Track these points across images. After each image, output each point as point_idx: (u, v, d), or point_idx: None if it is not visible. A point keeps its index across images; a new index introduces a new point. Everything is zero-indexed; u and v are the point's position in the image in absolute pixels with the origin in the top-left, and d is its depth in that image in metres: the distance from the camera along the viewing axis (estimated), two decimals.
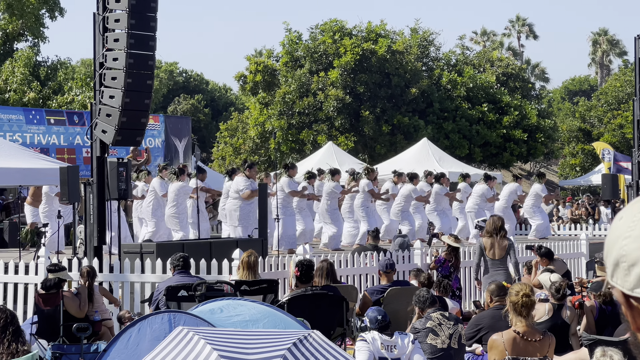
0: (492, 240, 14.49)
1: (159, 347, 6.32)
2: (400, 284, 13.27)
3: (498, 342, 8.19)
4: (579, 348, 10.70)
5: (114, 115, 14.76)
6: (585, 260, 20.24)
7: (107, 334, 12.21)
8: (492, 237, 14.55)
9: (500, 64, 49.95)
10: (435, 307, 10.41)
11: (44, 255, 14.76)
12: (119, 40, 14.75)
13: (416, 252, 16.87)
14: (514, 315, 8.20)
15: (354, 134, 41.87)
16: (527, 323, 8.19)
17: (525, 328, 8.15)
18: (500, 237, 14.60)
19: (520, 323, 8.16)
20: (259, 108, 44.17)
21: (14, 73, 39.73)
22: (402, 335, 9.47)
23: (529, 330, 8.17)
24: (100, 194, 15.20)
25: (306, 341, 6.08)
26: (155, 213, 19.90)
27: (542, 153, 47.19)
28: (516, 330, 8.16)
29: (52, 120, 28.87)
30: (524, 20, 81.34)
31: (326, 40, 42.98)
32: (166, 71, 67.63)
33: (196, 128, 56.35)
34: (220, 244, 16.17)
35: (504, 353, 8.11)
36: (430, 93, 43.55)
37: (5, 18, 41.43)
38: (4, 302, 14.30)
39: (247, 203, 19.52)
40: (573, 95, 74.09)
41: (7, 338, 7.56)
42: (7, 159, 17.53)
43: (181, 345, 6.08)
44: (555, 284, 11.75)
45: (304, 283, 11.84)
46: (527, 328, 8.16)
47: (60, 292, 12.04)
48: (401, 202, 23.15)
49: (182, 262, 12.49)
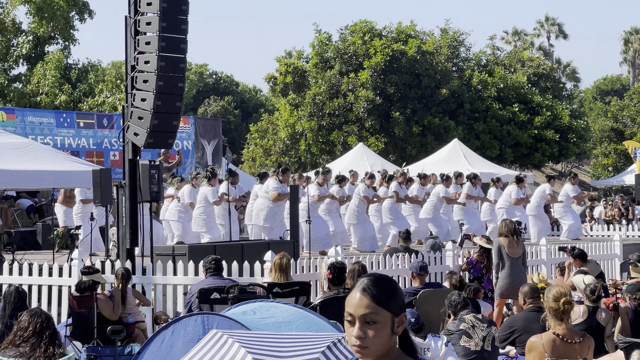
0: (509, 240, 14.37)
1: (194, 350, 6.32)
2: (432, 286, 13.21)
3: (537, 344, 8.12)
4: (614, 351, 10.62)
5: (146, 117, 14.80)
6: (619, 262, 20.06)
7: (141, 336, 12.24)
8: (509, 237, 14.43)
9: (531, 64, 49.71)
10: (469, 310, 10.36)
11: (77, 258, 14.83)
12: (151, 43, 14.79)
13: (448, 254, 16.80)
14: (554, 320, 8.13)
15: (384, 135, 41.82)
16: (567, 326, 8.13)
17: (564, 330, 8.08)
18: (517, 239, 14.48)
19: (559, 326, 8.10)
20: (289, 109, 44.20)
21: (45, 76, 39.98)
22: (435, 337, 9.42)
23: (568, 332, 8.10)
24: (132, 197, 15.24)
25: (340, 344, 6.07)
26: (182, 218, 20.03)
27: (574, 153, 46.94)
28: (555, 333, 8.09)
29: (81, 123, 29.01)
30: (553, 20, 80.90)
31: (356, 41, 42.96)
32: (196, 73, 67.82)
33: (226, 130, 56.46)
34: (252, 246, 16.18)
35: (543, 355, 8.05)
36: (461, 93, 43.43)
37: (35, 21, 41.67)
38: (38, 304, 14.38)
39: (274, 205, 19.56)
40: (605, 95, 73.64)
41: (44, 342, 7.59)
42: (40, 162, 17.63)
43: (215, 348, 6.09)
44: (589, 285, 11.66)
45: (336, 285, 11.82)
46: (566, 330, 8.10)
47: (94, 294, 12.08)
48: (433, 202, 23.11)
49: (215, 264, 12.50)
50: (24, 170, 17.08)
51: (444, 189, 23.29)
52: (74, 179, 17.98)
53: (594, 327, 11.03)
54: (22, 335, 7.59)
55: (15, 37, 41.86)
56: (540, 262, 18.42)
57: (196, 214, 19.81)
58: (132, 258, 14.98)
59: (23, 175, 17.15)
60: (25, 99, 40.08)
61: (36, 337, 7.59)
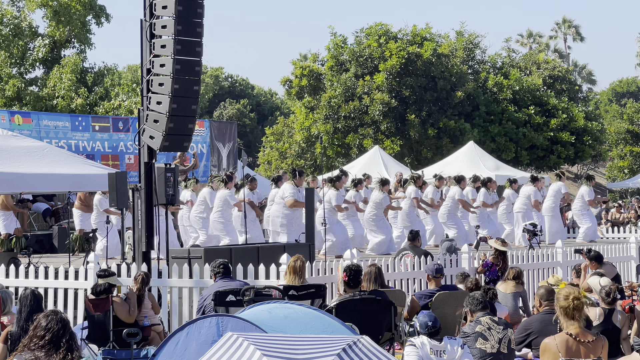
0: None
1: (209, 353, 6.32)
2: (448, 288, 13.17)
3: (551, 345, 8.11)
4: (630, 353, 10.59)
5: (162, 121, 14.83)
6: (635, 264, 20.00)
7: (157, 339, 12.25)
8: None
9: (547, 67, 49.62)
10: (485, 312, 10.34)
11: (93, 261, 14.87)
12: (166, 46, 14.81)
13: (464, 256, 16.77)
14: (565, 319, 8.11)
15: (399, 137, 41.80)
16: (579, 325, 8.11)
17: (577, 330, 8.06)
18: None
19: (572, 326, 8.07)
20: (305, 112, 44.22)
21: (62, 80, 40.14)
22: (452, 340, 9.41)
23: (581, 332, 8.08)
24: (148, 200, 15.26)
25: (355, 347, 6.06)
26: (206, 223, 19.92)
27: (589, 156, 46.83)
28: (569, 333, 8.07)
29: (97, 127, 29.11)
30: (570, 22, 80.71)
31: (371, 44, 42.95)
32: (212, 76, 67.91)
33: (242, 133, 56.54)
34: (267, 249, 16.19)
35: (557, 355, 8.03)
36: (476, 96, 43.39)
37: (52, 25, 41.83)
38: (54, 308, 14.41)
39: (291, 210, 19.56)
40: (620, 97, 73.41)
41: (61, 345, 7.58)
42: (55, 165, 17.69)
43: (231, 351, 6.09)
44: (605, 287, 11.62)
45: (352, 288, 11.81)
46: (579, 330, 8.07)
47: (110, 297, 12.10)
48: (449, 204, 23.05)
49: (223, 268, 12.54)
50: (39, 174, 17.14)
51: (459, 192, 23.20)
52: (90, 182, 18.03)
53: (610, 330, 11.00)
54: (37, 343, 7.58)
55: (32, 41, 42.04)
56: (556, 265, 18.38)
57: (214, 217, 19.77)
58: (148, 261, 15.01)
59: (39, 179, 17.22)
60: (41, 102, 40.25)
61: (52, 338, 7.58)
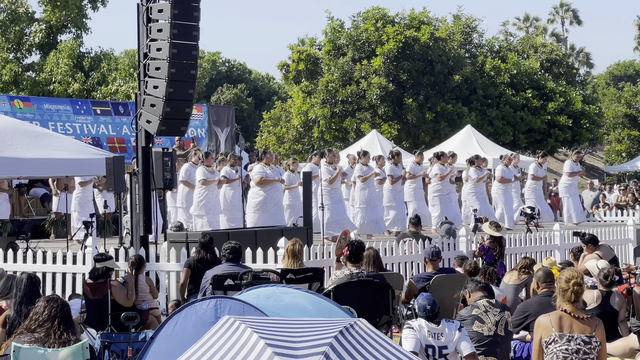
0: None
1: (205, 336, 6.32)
2: (445, 271, 13.17)
3: (544, 321, 8.09)
4: (628, 335, 10.61)
5: (158, 105, 14.82)
6: (632, 247, 20.04)
7: (155, 322, 12.27)
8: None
9: (544, 50, 49.53)
10: (482, 295, 10.34)
11: (91, 245, 14.88)
12: (163, 30, 14.78)
13: (461, 239, 16.78)
14: (562, 299, 8.10)
15: (397, 121, 41.76)
16: (575, 305, 8.10)
17: (572, 308, 8.05)
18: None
19: (567, 305, 8.07)
20: (302, 97, 44.16)
21: (58, 65, 40.05)
22: (449, 322, 9.41)
23: (575, 309, 8.07)
24: (145, 184, 15.27)
25: (352, 329, 6.05)
26: (209, 209, 19.84)
27: (587, 139, 46.83)
28: (562, 309, 8.07)
29: (98, 110, 29.13)
30: (567, 6, 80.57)
31: (369, 28, 42.87)
32: (209, 61, 67.76)
33: (239, 117, 56.44)
34: (265, 233, 16.19)
35: (550, 330, 8.01)
36: (474, 80, 43.35)
37: (48, 10, 41.71)
38: (52, 292, 14.43)
39: (265, 190, 19.32)
40: (618, 81, 73.31)
41: (60, 328, 7.61)
42: (53, 150, 17.64)
43: (228, 334, 6.08)
44: (603, 270, 11.64)
45: (353, 263, 11.74)
46: (573, 307, 8.07)
47: (108, 281, 12.12)
48: (434, 185, 22.74)
49: (229, 252, 12.48)
50: (36, 159, 17.09)
51: (439, 167, 22.82)
52: (88, 167, 18.00)
53: (607, 312, 11.02)
54: (37, 320, 7.63)
55: (28, 26, 41.93)
56: (554, 248, 18.39)
57: (196, 196, 19.77)
58: (146, 245, 15.02)
59: (36, 164, 17.17)
60: (38, 87, 40.18)
61: (51, 321, 7.61)
